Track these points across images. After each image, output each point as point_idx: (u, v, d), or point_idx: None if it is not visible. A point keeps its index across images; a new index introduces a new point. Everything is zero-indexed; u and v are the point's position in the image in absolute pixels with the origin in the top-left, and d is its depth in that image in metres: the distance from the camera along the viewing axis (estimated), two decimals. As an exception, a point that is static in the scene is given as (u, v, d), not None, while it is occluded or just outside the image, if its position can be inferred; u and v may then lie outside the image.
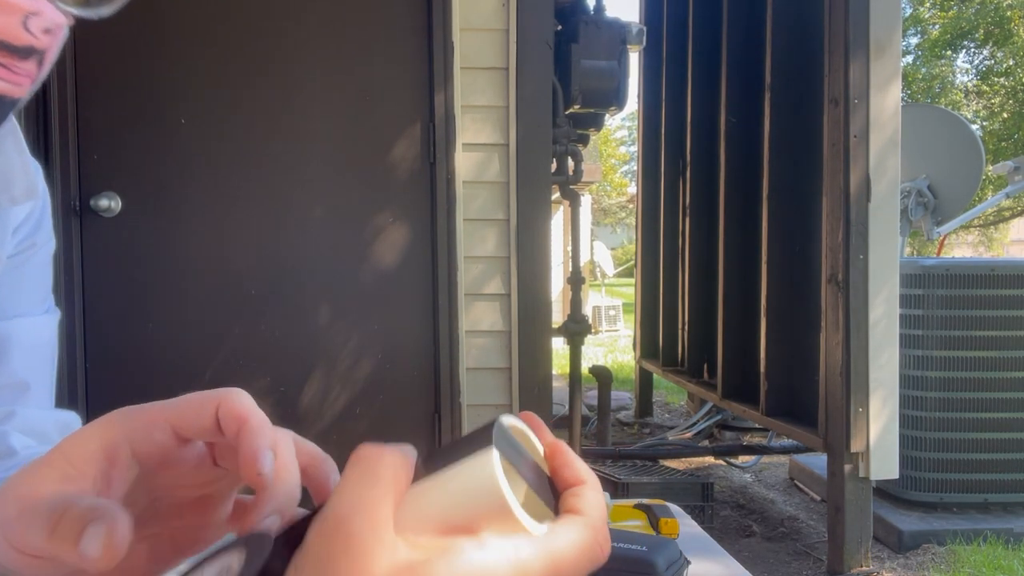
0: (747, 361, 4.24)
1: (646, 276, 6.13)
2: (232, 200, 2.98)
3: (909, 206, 4.68)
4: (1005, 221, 17.86)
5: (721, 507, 4.21)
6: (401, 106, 2.99)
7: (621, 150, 32.76)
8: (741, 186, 4.42)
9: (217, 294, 2.97)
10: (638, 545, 0.91)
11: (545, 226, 3.02)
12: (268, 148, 2.98)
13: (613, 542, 0.91)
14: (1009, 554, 3.39)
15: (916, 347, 3.75)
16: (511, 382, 3.00)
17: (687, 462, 5.04)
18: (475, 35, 2.96)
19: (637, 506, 1.23)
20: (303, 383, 2.98)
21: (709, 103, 4.88)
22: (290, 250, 3.00)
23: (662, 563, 0.88)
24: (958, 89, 16.69)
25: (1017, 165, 5.27)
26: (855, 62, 3.25)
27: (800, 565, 3.52)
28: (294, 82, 2.97)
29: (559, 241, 10.67)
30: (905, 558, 3.45)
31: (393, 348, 3.01)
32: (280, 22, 2.96)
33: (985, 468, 3.74)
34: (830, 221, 3.39)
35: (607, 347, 10.91)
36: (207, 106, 2.95)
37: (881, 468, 3.31)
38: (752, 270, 4.19)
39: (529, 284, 3.00)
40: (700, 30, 5.08)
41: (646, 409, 6.35)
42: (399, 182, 3.00)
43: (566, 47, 3.54)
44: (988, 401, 3.73)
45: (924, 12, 16.35)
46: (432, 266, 2.98)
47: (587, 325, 3.95)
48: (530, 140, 2.98)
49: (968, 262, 4.09)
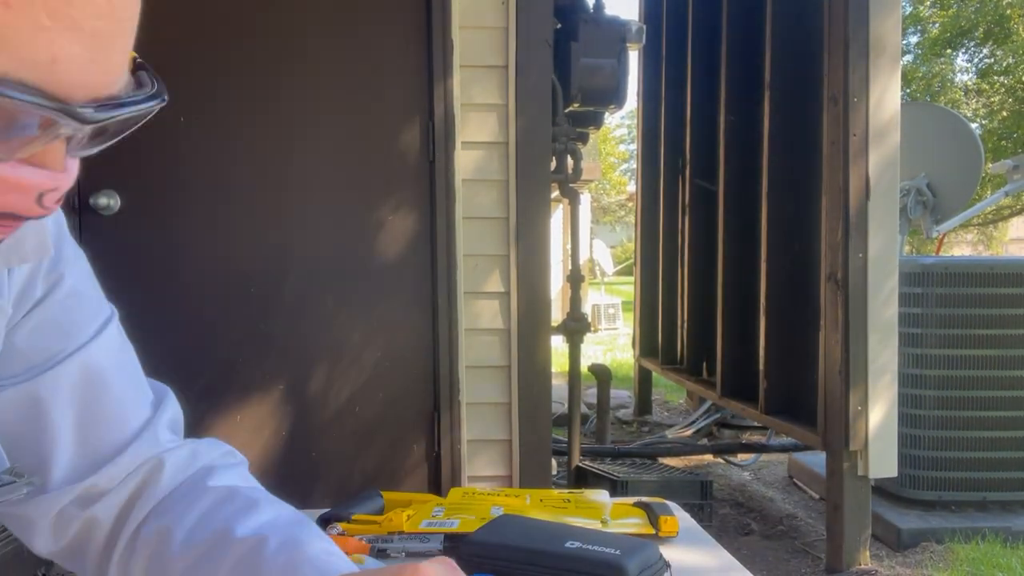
0: (746, 359, 4.25)
1: (645, 274, 6.14)
2: (231, 198, 2.98)
3: (908, 204, 4.68)
4: (1004, 219, 17.85)
5: (720, 505, 4.22)
6: (400, 104, 2.99)
7: (620, 148, 32.77)
8: (740, 184, 4.42)
9: (216, 292, 2.97)
10: (612, 548, 0.90)
11: (544, 224, 3.02)
12: (266, 146, 2.98)
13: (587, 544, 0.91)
14: (1008, 552, 3.40)
15: (915, 345, 3.75)
16: (510, 380, 3.00)
17: (686, 460, 5.05)
18: (474, 33, 2.96)
19: (636, 504, 1.23)
20: (302, 381, 2.98)
21: (708, 101, 4.88)
22: (289, 248, 2.99)
23: (634, 568, 0.87)
24: (957, 87, 16.69)
25: (1016, 163, 5.26)
26: (855, 60, 3.25)
27: (799, 563, 3.53)
28: (293, 80, 2.97)
29: (558, 239, 10.66)
30: (904, 556, 3.45)
31: (392, 346, 3.01)
32: (279, 20, 2.96)
33: (984, 466, 3.74)
34: (829, 219, 3.40)
35: (606, 345, 10.91)
36: (206, 105, 2.95)
37: (880, 466, 3.31)
38: (751, 268, 4.19)
39: (528, 282, 3.00)
40: (699, 28, 5.08)
41: (645, 407, 6.35)
42: (398, 180, 3.00)
43: (565, 45, 3.53)
44: (987, 399, 3.73)
45: (924, 10, 16.34)
46: (431, 264, 2.98)
47: (586, 323, 3.95)
48: (529, 138, 2.98)
49: (967, 260, 4.09)
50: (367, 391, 2.98)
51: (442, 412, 2.98)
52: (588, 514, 1.17)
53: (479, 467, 3.02)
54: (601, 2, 3.77)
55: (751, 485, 4.67)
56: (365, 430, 2.97)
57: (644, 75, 6.10)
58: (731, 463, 5.04)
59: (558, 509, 1.19)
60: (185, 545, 0.67)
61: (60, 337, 0.68)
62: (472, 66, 2.96)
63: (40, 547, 0.72)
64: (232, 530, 0.66)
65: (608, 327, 12.73)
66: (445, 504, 1.20)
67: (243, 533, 0.66)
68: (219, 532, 0.67)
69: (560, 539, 0.92)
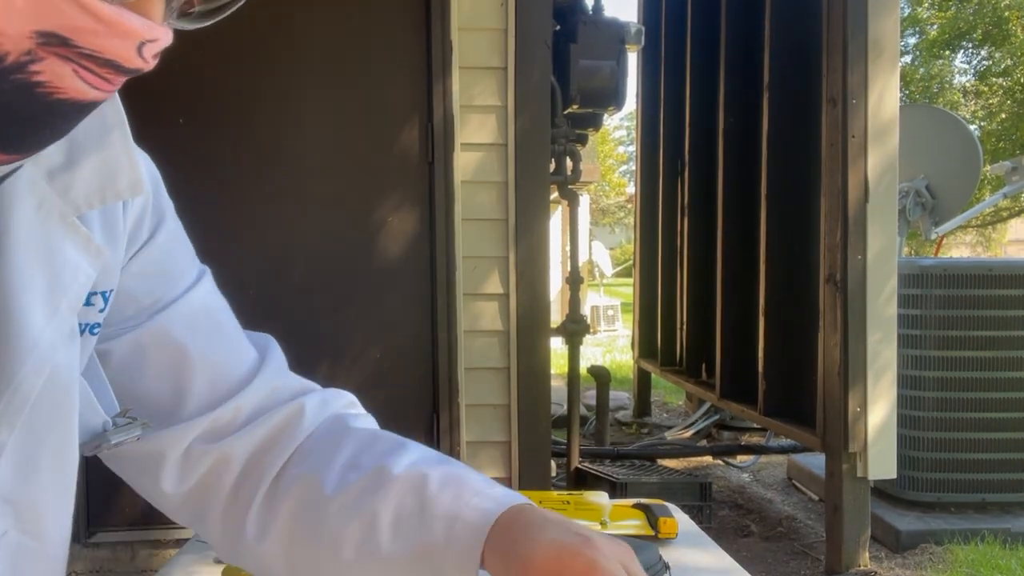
0: (745, 361, 4.25)
1: (644, 276, 6.14)
2: (229, 200, 2.98)
3: (907, 206, 4.68)
4: (1003, 221, 17.88)
5: (719, 507, 4.22)
6: (400, 106, 2.99)
7: (620, 150, 32.78)
8: (739, 186, 4.42)
9: (215, 293, 2.97)
10: None
11: (544, 226, 3.02)
12: (266, 147, 2.98)
13: None
14: (1007, 554, 3.39)
15: (914, 347, 3.75)
16: (509, 382, 3.00)
17: (685, 462, 5.05)
18: (474, 35, 2.96)
19: (636, 506, 1.23)
20: (301, 383, 2.98)
21: (707, 103, 4.88)
22: (288, 250, 2.99)
23: None
24: (956, 89, 16.70)
25: (1015, 165, 5.27)
26: (853, 62, 3.25)
27: (798, 564, 3.53)
28: (293, 82, 2.97)
29: (557, 241, 10.67)
30: (903, 558, 3.45)
31: (392, 347, 3.01)
32: (279, 21, 2.96)
33: (983, 468, 3.74)
34: (828, 221, 3.40)
35: (605, 347, 10.91)
36: (205, 106, 2.95)
37: (879, 468, 3.31)
38: (750, 270, 4.20)
39: (528, 284, 3.00)
40: (698, 30, 5.08)
41: (644, 409, 6.35)
42: (398, 181, 3.00)
43: (565, 47, 3.54)
44: (986, 401, 3.73)
45: (922, 12, 16.35)
46: (431, 266, 2.98)
47: (585, 325, 3.95)
48: (529, 140, 2.98)
49: (966, 262, 4.09)
50: (366, 392, 2.96)
51: (441, 413, 2.98)
52: (587, 516, 1.17)
53: (478, 468, 2.99)
54: (600, 3, 3.77)
55: (750, 487, 4.67)
56: (364, 432, 2.96)
57: (643, 77, 6.10)
58: (730, 464, 5.04)
59: (557, 511, 1.19)
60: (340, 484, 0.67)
61: (166, 281, 0.70)
62: (472, 67, 2.96)
63: (167, 486, 0.70)
64: (389, 468, 0.66)
65: (607, 329, 12.73)
66: (444, 505, 1.20)
67: (401, 470, 0.66)
68: (375, 470, 0.67)
69: (560, 540, 0.92)
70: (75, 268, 0.59)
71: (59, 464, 0.61)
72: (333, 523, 0.66)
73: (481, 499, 0.63)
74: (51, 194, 0.58)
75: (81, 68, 0.46)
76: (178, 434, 0.69)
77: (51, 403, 0.58)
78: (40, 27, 0.43)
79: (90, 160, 0.60)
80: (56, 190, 0.58)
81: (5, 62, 0.43)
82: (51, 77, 0.45)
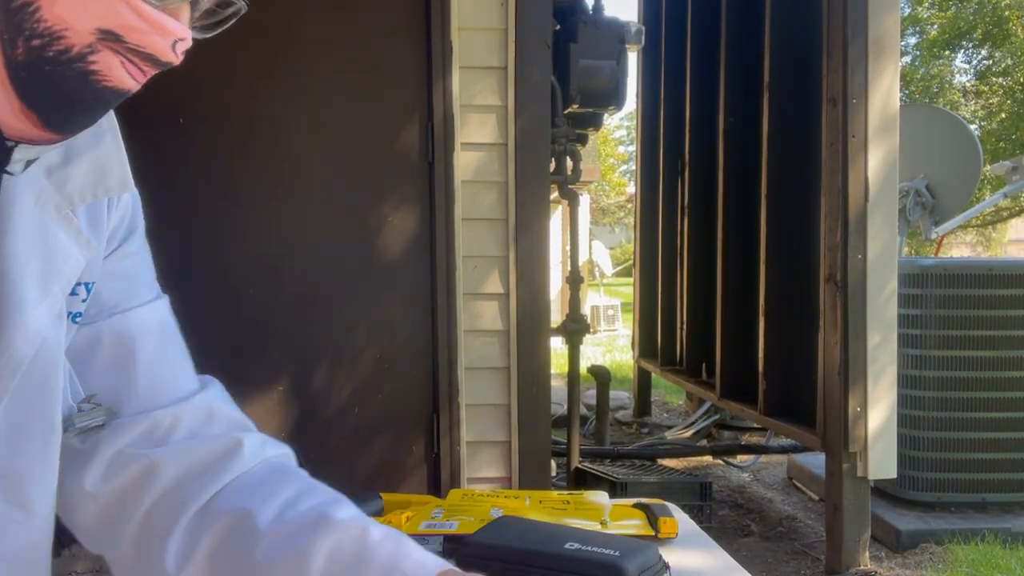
0: (745, 360, 4.25)
1: (644, 276, 6.14)
2: (229, 200, 2.98)
3: (907, 206, 4.68)
4: (1003, 221, 17.86)
5: (719, 506, 4.22)
6: (400, 105, 2.99)
7: (620, 150, 32.77)
8: (740, 186, 4.42)
9: (214, 293, 2.97)
10: (611, 550, 0.90)
11: (544, 225, 3.02)
12: (266, 147, 2.98)
13: (587, 546, 0.91)
14: (1007, 553, 3.40)
15: (914, 347, 3.75)
16: (509, 382, 3.00)
17: (685, 461, 5.05)
18: (474, 34, 2.96)
19: (636, 505, 1.23)
20: (300, 383, 2.98)
21: (708, 102, 4.88)
22: (288, 249, 2.99)
23: (633, 569, 0.87)
24: (956, 89, 16.69)
25: (1015, 165, 5.27)
26: (854, 62, 3.25)
27: (798, 564, 3.53)
28: (292, 82, 2.97)
29: (558, 240, 10.67)
30: (903, 557, 3.45)
31: (391, 347, 3.01)
32: (279, 21, 2.96)
33: (983, 468, 3.74)
34: (828, 221, 3.40)
35: (605, 346, 10.91)
36: (204, 106, 2.95)
37: (879, 467, 3.31)
38: (751, 269, 4.19)
39: (528, 283, 3.00)
40: (699, 29, 5.08)
41: (644, 408, 6.35)
42: (398, 181, 2.99)
43: (565, 46, 3.53)
44: (986, 401, 3.73)
45: (922, 12, 16.34)
46: (431, 265, 2.98)
47: (585, 324, 3.95)
48: (529, 139, 2.98)
49: (966, 262, 4.10)
50: (366, 392, 2.98)
51: (441, 413, 2.98)
52: (587, 515, 1.17)
53: (478, 468, 3.02)
54: (600, 3, 3.77)
55: (750, 486, 4.67)
56: (364, 431, 2.97)
57: (643, 76, 6.10)
58: (730, 464, 5.04)
59: (557, 511, 1.19)
60: (275, 521, 0.67)
61: (130, 287, 0.74)
62: (472, 67, 2.96)
63: (91, 483, 0.70)
64: (331, 513, 0.67)
65: (607, 328, 12.73)
66: (444, 506, 1.20)
67: (344, 516, 0.67)
68: (316, 512, 0.68)
69: (559, 540, 0.92)
70: (67, 255, 0.64)
71: (45, 437, 0.64)
72: (261, 558, 0.65)
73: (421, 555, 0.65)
74: (49, 188, 0.63)
75: (127, 61, 0.55)
76: (114, 431, 0.71)
77: (40, 376, 0.62)
78: (101, 25, 0.53)
79: (85, 159, 0.66)
80: (53, 185, 0.64)
81: (71, 53, 0.53)
82: (103, 67, 0.54)
